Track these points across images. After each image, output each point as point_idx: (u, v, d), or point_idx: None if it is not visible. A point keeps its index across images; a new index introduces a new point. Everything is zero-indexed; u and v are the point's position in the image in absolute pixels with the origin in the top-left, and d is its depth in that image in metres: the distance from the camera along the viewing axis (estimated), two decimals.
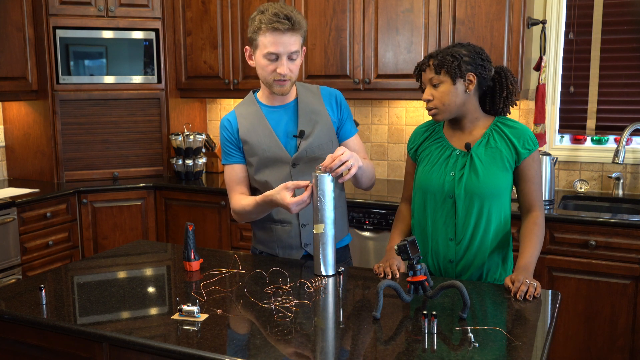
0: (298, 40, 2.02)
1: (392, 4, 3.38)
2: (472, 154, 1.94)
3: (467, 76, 1.90)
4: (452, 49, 1.94)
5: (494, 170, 1.92)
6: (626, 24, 3.28)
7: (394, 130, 3.86)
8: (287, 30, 1.97)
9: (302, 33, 2.03)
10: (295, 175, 2.11)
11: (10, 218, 3.26)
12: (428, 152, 2.05)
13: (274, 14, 1.97)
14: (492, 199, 1.92)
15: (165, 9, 3.96)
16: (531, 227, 1.95)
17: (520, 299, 1.72)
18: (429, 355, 1.40)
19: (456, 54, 1.90)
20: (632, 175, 3.36)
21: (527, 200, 1.97)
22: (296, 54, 2.03)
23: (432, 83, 1.93)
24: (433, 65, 1.92)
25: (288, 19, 1.97)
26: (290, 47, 2.00)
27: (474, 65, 1.91)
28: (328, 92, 2.21)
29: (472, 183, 1.92)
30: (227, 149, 2.18)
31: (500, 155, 1.93)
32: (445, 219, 1.97)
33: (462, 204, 1.93)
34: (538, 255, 1.92)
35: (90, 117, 3.91)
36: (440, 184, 1.96)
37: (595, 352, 2.91)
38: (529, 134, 1.95)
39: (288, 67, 2.02)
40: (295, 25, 1.98)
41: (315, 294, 1.79)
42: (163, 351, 1.47)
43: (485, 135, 1.96)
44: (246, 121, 2.15)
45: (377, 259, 3.26)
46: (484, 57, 1.93)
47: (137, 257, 2.22)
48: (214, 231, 3.70)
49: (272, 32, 1.98)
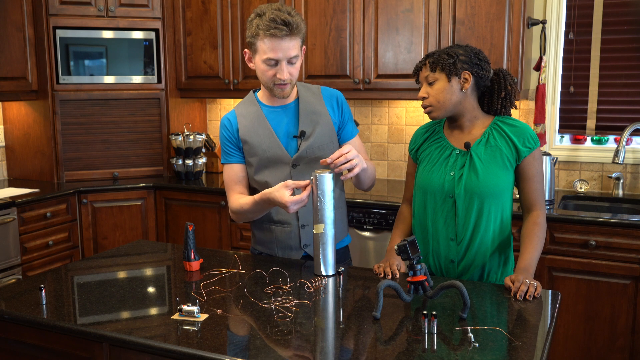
0: (297, 44, 1.99)
1: (392, 4, 3.38)
2: (472, 153, 1.94)
3: (462, 74, 1.90)
4: (449, 48, 1.95)
5: (494, 169, 1.92)
6: (626, 24, 3.28)
7: (394, 130, 3.86)
8: (286, 36, 1.95)
9: (301, 36, 2.01)
10: (296, 176, 2.10)
11: (10, 218, 3.26)
12: (428, 152, 2.05)
13: (272, 19, 1.93)
14: (491, 198, 1.92)
15: (165, 9, 3.96)
16: (532, 227, 1.94)
17: (520, 299, 1.72)
18: (429, 355, 1.40)
19: (452, 52, 1.92)
20: (632, 175, 3.36)
21: (528, 199, 1.97)
22: (295, 58, 2.01)
23: (428, 81, 1.94)
24: (429, 64, 1.94)
25: (286, 24, 1.94)
26: (289, 52, 1.98)
27: (470, 64, 1.91)
28: (329, 92, 2.20)
29: (472, 182, 1.92)
30: (226, 149, 2.17)
31: (500, 153, 1.92)
32: (446, 219, 1.96)
33: (462, 204, 1.93)
34: (539, 256, 1.91)
35: (90, 117, 3.91)
36: (440, 183, 1.96)
37: (595, 352, 2.91)
38: (530, 132, 1.94)
39: (288, 72, 2.01)
40: (294, 30, 1.95)
41: (315, 294, 1.79)
42: (163, 351, 1.47)
43: (485, 134, 1.96)
44: (246, 121, 2.14)
45: (377, 259, 3.26)
46: (481, 58, 1.94)
47: (137, 257, 2.22)
48: (214, 231, 3.70)
49: (270, 38, 1.95)
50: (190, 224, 2.03)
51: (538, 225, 1.94)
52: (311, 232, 2.12)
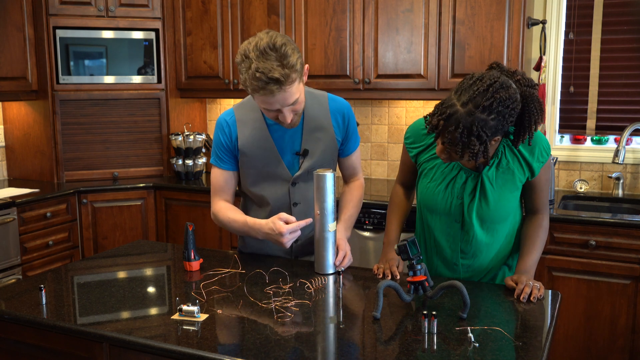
0: (295, 89, 1.78)
1: (392, 4, 3.38)
2: (483, 177, 1.81)
3: (492, 140, 1.66)
4: (476, 117, 1.58)
5: (506, 194, 1.82)
6: (626, 24, 3.28)
7: (394, 130, 3.86)
8: (277, 91, 1.75)
9: (298, 75, 1.78)
10: (294, 193, 2.06)
11: (10, 218, 3.26)
12: (432, 165, 1.90)
13: (257, 78, 1.71)
14: (503, 222, 1.85)
15: (165, 9, 3.96)
16: (535, 229, 1.89)
17: (524, 301, 1.71)
18: (429, 355, 1.40)
19: (482, 131, 1.59)
20: (632, 175, 3.36)
21: (534, 205, 1.91)
22: (297, 100, 1.82)
23: (450, 152, 1.69)
24: (453, 145, 1.65)
25: (276, 81, 1.71)
26: (287, 102, 1.79)
27: (502, 130, 1.64)
28: (336, 106, 2.05)
29: (483, 210, 1.82)
30: (220, 153, 2.06)
31: (512, 177, 1.81)
32: (451, 244, 1.90)
33: (471, 230, 1.84)
34: (539, 258, 1.89)
35: (90, 117, 3.91)
36: (447, 207, 1.85)
37: (595, 352, 2.91)
38: (543, 143, 1.81)
39: (291, 113, 1.85)
40: (285, 82, 1.73)
41: (315, 294, 1.79)
42: (163, 351, 1.47)
43: (498, 154, 1.80)
44: (247, 130, 2.01)
45: (377, 259, 3.25)
46: (510, 105, 1.61)
47: (137, 257, 2.22)
48: (214, 231, 3.70)
49: (261, 97, 1.78)
50: (190, 224, 2.02)
51: (542, 227, 1.89)
52: (303, 243, 2.12)
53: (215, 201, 2.13)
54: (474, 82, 1.63)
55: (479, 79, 1.64)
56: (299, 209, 2.06)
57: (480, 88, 1.61)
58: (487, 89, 1.60)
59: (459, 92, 1.64)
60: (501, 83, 1.61)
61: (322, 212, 1.91)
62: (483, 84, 1.61)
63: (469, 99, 1.60)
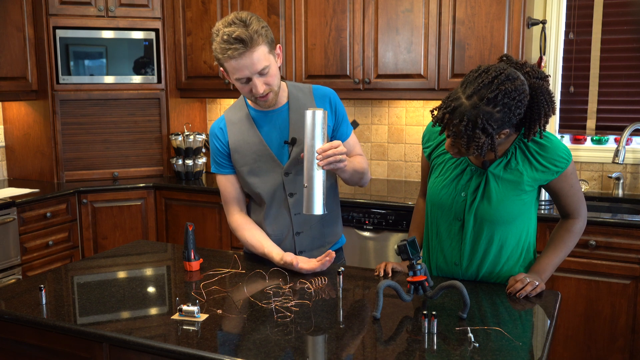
0: (261, 54, 1.85)
1: (392, 4, 3.38)
2: (489, 174, 1.77)
3: (499, 135, 1.64)
4: (480, 109, 1.57)
5: (511, 195, 1.76)
6: (626, 24, 3.28)
7: (394, 130, 3.86)
8: (244, 53, 1.82)
9: (265, 41, 1.86)
10: (288, 184, 2.06)
11: (10, 218, 3.26)
12: (442, 160, 1.88)
13: (225, 40, 1.82)
14: (506, 225, 1.79)
15: (165, 9, 3.96)
16: (561, 233, 1.85)
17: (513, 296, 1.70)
18: (429, 355, 1.40)
19: (487, 124, 1.57)
20: (632, 175, 3.36)
21: (562, 210, 1.86)
22: (266, 68, 1.88)
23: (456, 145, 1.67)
24: (458, 138, 1.62)
25: (240, 41, 1.81)
26: (255, 67, 1.85)
27: (509, 122, 1.61)
28: (321, 93, 2.09)
29: (484, 209, 1.77)
30: (218, 160, 2.10)
31: (520, 178, 1.75)
32: (452, 242, 1.88)
33: (471, 230, 1.82)
34: (559, 262, 1.84)
35: (90, 117, 3.91)
36: (449, 203, 1.83)
37: (595, 352, 2.91)
38: (559, 151, 1.74)
39: (263, 84, 1.90)
40: (250, 44, 1.82)
41: (315, 294, 1.79)
42: (163, 351, 1.47)
43: (508, 154, 1.76)
44: (235, 128, 2.07)
45: (377, 259, 3.25)
46: (517, 97, 1.58)
47: (137, 257, 2.22)
48: (214, 231, 3.70)
49: (230, 60, 1.85)
50: (190, 224, 2.03)
51: (569, 232, 1.84)
52: (306, 238, 2.11)
53: (230, 213, 2.16)
54: (480, 75, 1.61)
55: (485, 71, 1.61)
56: (295, 200, 2.06)
57: (486, 80, 1.58)
58: (492, 81, 1.58)
59: (465, 84, 1.62)
60: (507, 75, 1.58)
61: (310, 150, 1.84)
62: (488, 76, 1.59)
63: (474, 91, 1.58)
